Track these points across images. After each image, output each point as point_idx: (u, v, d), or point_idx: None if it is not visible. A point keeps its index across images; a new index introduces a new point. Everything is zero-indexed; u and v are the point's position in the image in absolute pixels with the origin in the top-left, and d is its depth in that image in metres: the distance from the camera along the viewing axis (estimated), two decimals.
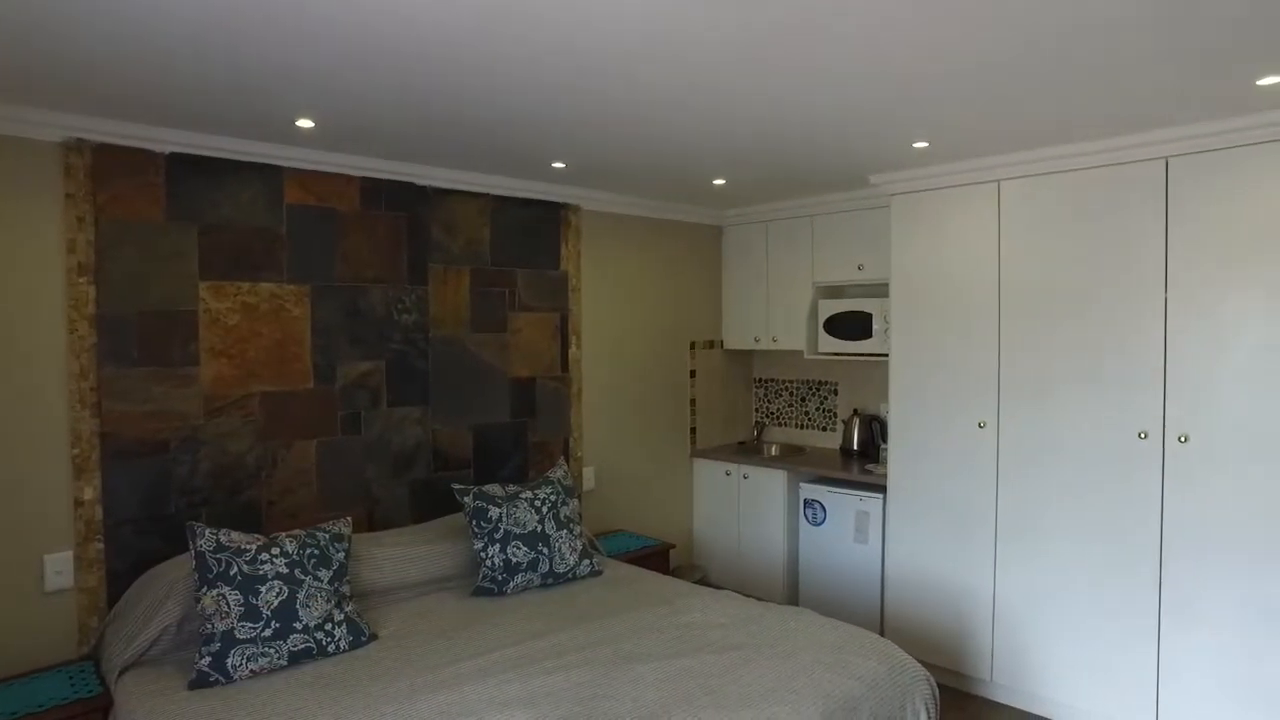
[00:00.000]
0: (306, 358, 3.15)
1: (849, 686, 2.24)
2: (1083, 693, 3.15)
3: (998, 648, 3.39)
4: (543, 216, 3.94)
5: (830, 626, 2.64)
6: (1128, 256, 3.01)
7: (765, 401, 5.09)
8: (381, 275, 3.36)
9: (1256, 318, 2.74)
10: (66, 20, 1.81)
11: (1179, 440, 2.90)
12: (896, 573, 3.72)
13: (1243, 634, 2.78)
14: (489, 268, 3.73)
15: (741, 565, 4.51)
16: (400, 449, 3.43)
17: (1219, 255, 2.81)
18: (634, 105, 2.55)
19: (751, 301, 4.74)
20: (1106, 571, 3.08)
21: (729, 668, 2.31)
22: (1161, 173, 2.92)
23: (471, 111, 2.60)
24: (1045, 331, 3.23)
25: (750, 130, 2.88)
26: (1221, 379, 2.81)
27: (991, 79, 2.31)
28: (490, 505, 3.10)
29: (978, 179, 3.38)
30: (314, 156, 3.10)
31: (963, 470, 3.48)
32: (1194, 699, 2.89)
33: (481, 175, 3.62)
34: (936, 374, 3.56)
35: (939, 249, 3.54)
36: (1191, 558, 2.88)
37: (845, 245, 4.24)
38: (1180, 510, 2.90)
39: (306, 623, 2.44)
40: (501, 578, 3.02)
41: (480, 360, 3.71)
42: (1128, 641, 3.03)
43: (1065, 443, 3.18)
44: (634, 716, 2.03)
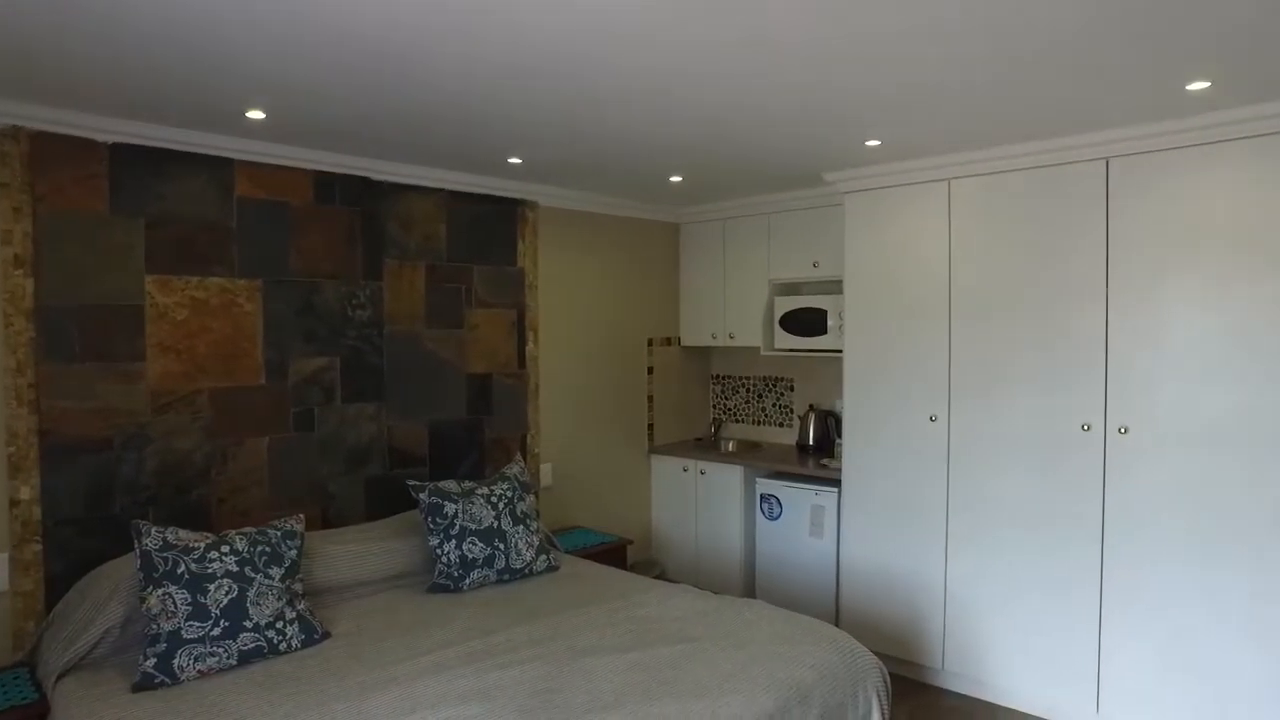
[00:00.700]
0: (258, 354, 3.10)
1: (802, 675, 2.27)
2: (1029, 677, 3.24)
3: (949, 636, 3.47)
4: (500, 212, 3.93)
5: (784, 617, 2.67)
6: (1072, 254, 3.10)
7: (722, 398, 5.13)
8: (336, 270, 3.32)
9: (1191, 314, 2.84)
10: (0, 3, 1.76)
11: (1119, 431, 2.99)
12: (851, 565, 3.78)
13: (1177, 616, 2.88)
14: (445, 264, 3.71)
15: (699, 560, 4.54)
16: (355, 446, 3.39)
17: (1155, 253, 2.91)
18: (591, 101, 2.56)
19: (709, 299, 4.78)
20: (1051, 559, 3.17)
21: (683, 659, 2.33)
22: (1102, 173, 3.02)
23: (426, 106, 2.59)
24: (994, 327, 3.31)
25: (705, 128, 2.91)
26: (1159, 373, 2.91)
27: (939, 80, 2.36)
28: (446, 501, 3.08)
29: (929, 178, 3.45)
30: (265, 149, 3.04)
31: (915, 463, 3.55)
32: (1131, 679, 2.99)
33: (438, 170, 3.59)
34: (889, 369, 3.63)
35: (891, 246, 3.61)
36: (1131, 544, 2.98)
37: (801, 243, 4.30)
38: (1120, 498, 3.00)
39: (257, 621, 2.40)
40: (457, 574, 3.00)
41: (436, 356, 3.68)
42: (1071, 626, 3.12)
43: (1013, 435, 3.26)
44: (588, 708, 2.03)
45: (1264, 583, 2.71)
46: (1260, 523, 2.72)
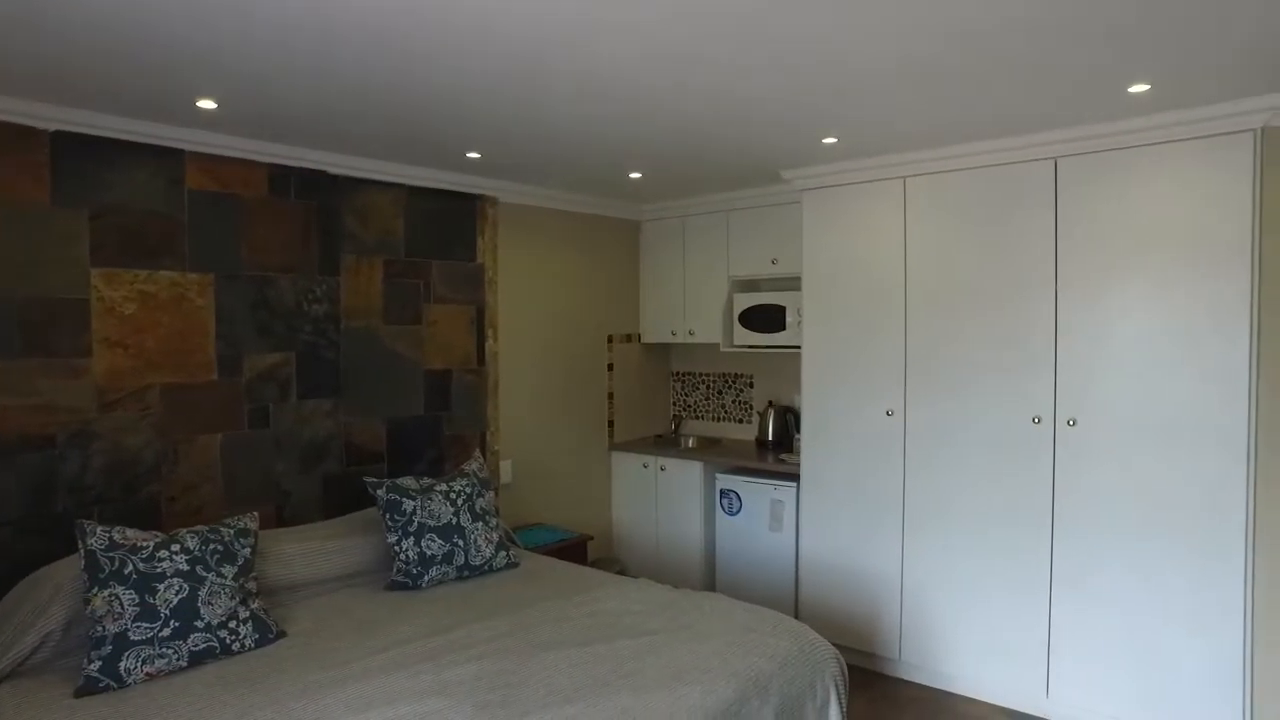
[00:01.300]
0: (210, 349, 3.03)
1: (760, 665, 2.30)
2: (983, 665, 3.31)
3: (906, 627, 3.53)
4: (458, 208, 3.90)
5: (743, 609, 2.69)
6: (1023, 251, 3.17)
7: (683, 395, 5.16)
8: (291, 265, 3.26)
9: (1135, 310, 2.93)
10: None
11: (1068, 424, 3.07)
12: (810, 559, 3.82)
13: (1122, 602, 2.97)
14: (403, 259, 3.67)
15: (660, 556, 4.55)
16: (311, 443, 3.33)
17: (1102, 251, 3.00)
18: (549, 96, 2.55)
19: (669, 296, 4.79)
20: (1004, 549, 3.24)
21: (643, 651, 2.34)
22: (1051, 172, 3.09)
23: (383, 98, 2.56)
24: (948, 323, 3.37)
25: (665, 124, 2.92)
26: (1105, 367, 3.00)
27: (892, 80, 2.40)
28: (404, 498, 3.05)
29: (884, 175, 3.50)
30: (218, 140, 2.98)
31: (872, 457, 3.60)
32: (1079, 664, 3.07)
33: (395, 165, 3.56)
34: (847, 365, 3.68)
35: (848, 243, 3.66)
36: (1079, 533, 3.06)
37: (760, 240, 4.34)
38: (1069, 489, 3.08)
39: (209, 621, 2.35)
40: (416, 571, 2.97)
41: (394, 352, 3.64)
42: (1022, 614, 3.20)
43: (967, 428, 3.33)
44: (547, 702, 2.03)
45: (1204, 571, 2.80)
46: (1200, 513, 2.81)
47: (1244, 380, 2.73)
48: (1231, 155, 2.74)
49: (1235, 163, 2.73)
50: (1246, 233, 2.72)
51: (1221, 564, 2.77)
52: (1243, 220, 2.72)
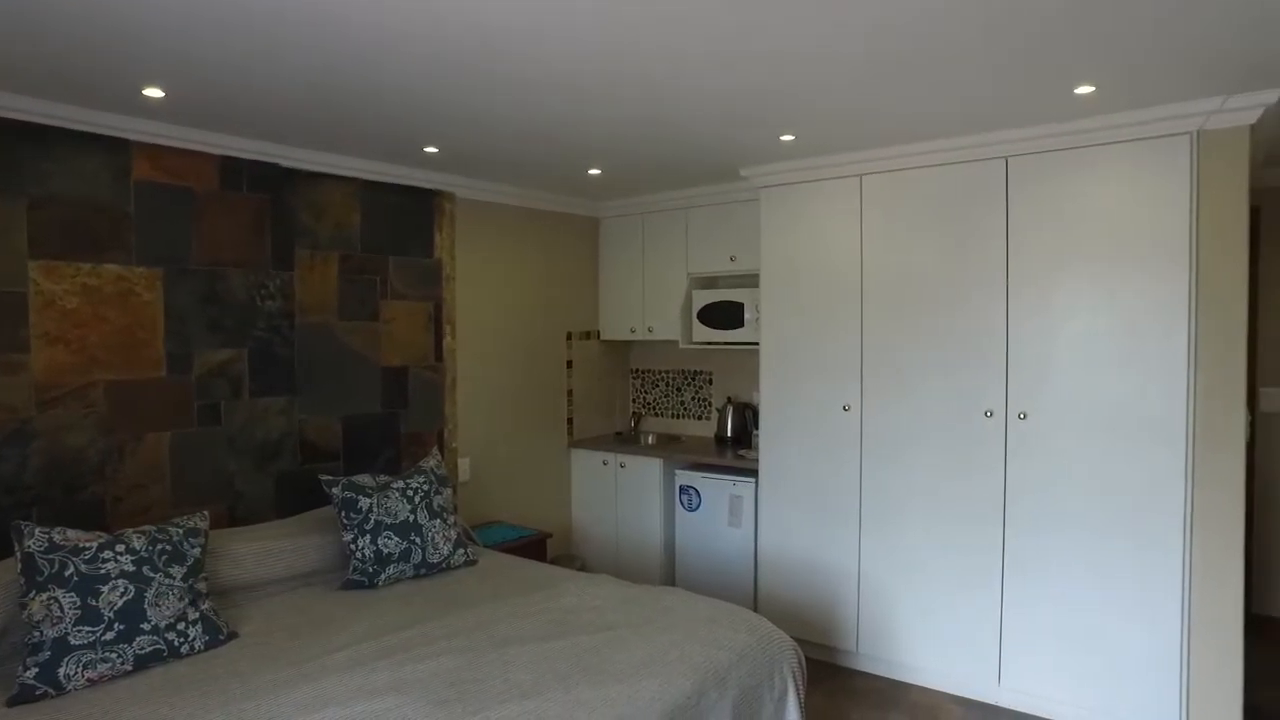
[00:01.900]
0: (159, 345, 2.96)
1: (719, 657, 2.31)
2: (938, 655, 3.37)
3: (863, 620, 3.58)
4: (415, 203, 3.85)
5: (702, 603, 2.71)
6: (976, 249, 3.24)
7: (642, 392, 5.16)
8: (243, 259, 3.19)
9: (1082, 308, 3.01)
10: None
11: (1019, 417, 3.14)
12: (769, 554, 3.86)
13: (1070, 590, 3.05)
14: (359, 254, 3.62)
15: (619, 552, 4.55)
16: (264, 441, 3.27)
17: (1050, 249, 3.07)
18: (508, 89, 2.54)
19: (628, 293, 4.80)
20: (958, 542, 3.30)
21: (602, 646, 2.34)
22: (1002, 171, 3.16)
23: (335, 90, 2.52)
24: (904, 319, 3.42)
25: (623, 119, 2.92)
26: (1054, 362, 3.07)
27: (848, 79, 2.43)
28: (360, 496, 3.01)
29: (841, 173, 3.55)
30: (166, 131, 2.91)
31: (829, 452, 3.65)
32: (1029, 652, 3.14)
33: (351, 159, 3.50)
34: (804, 361, 3.71)
35: (806, 241, 3.70)
36: (1029, 524, 3.13)
37: (718, 237, 4.36)
38: (1020, 481, 3.15)
39: (156, 623, 2.29)
40: (372, 569, 2.93)
41: (350, 349, 3.58)
42: (975, 604, 3.27)
43: (922, 423, 3.39)
44: (506, 697, 2.02)
45: (1149, 560, 2.89)
46: (1143, 504, 2.90)
47: (1183, 377, 2.82)
48: (1170, 157, 2.83)
49: (1174, 165, 2.82)
50: (1185, 234, 2.81)
51: (1162, 553, 2.86)
52: (1181, 221, 2.81)
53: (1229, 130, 2.73)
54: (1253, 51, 2.26)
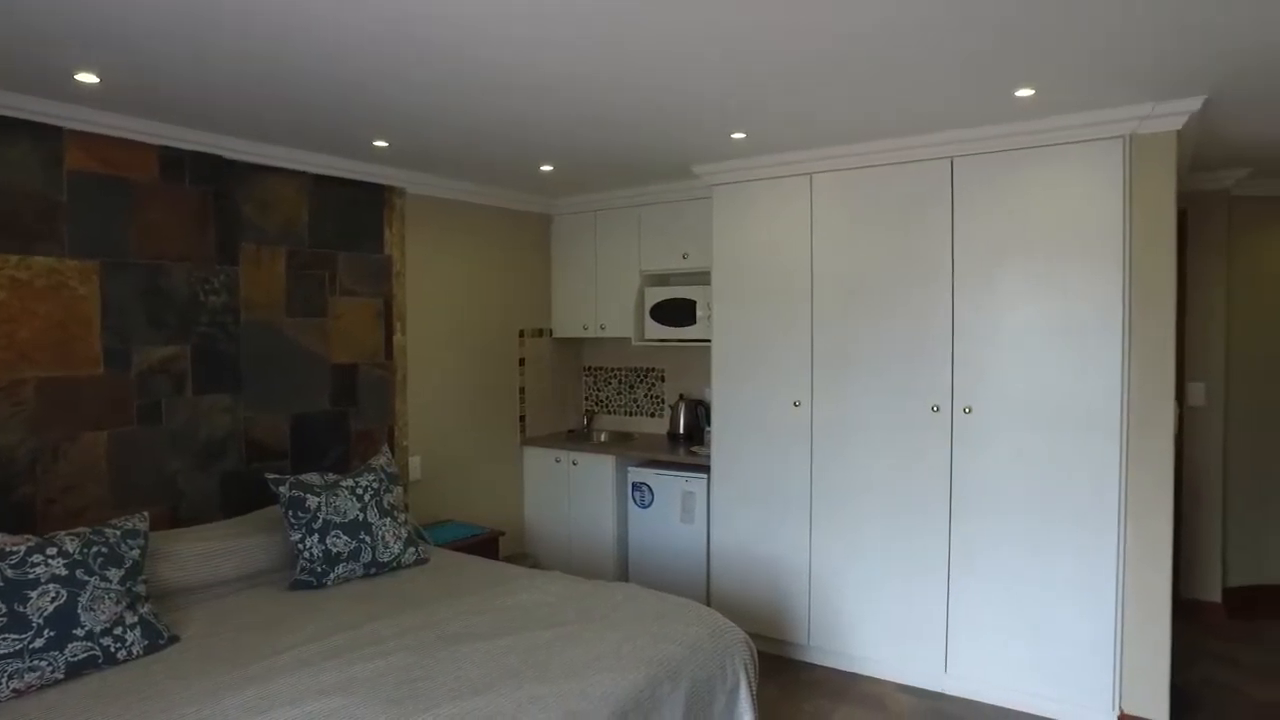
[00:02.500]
0: (95, 341, 2.86)
1: (671, 651, 2.32)
2: (887, 646, 3.44)
3: (814, 613, 3.63)
4: (365, 198, 3.80)
5: (654, 598, 2.72)
6: (923, 247, 3.31)
7: (595, 389, 5.16)
8: (185, 253, 3.11)
9: (1023, 303, 3.10)
10: None
11: (964, 411, 3.22)
12: (721, 549, 3.89)
13: (1013, 578, 3.14)
14: (307, 249, 3.55)
15: (572, 550, 4.55)
16: (209, 439, 3.19)
17: (993, 248, 3.16)
18: (458, 83, 2.52)
19: (580, 290, 4.79)
20: (905, 534, 3.37)
21: (555, 642, 2.33)
22: (948, 171, 3.24)
23: (282, 82, 2.47)
24: (853, 315, 3.48)
25: (575, 116, 2.92)
26: (997, 357, 3.16)
27: (798, 78, 2.46)
28: (308, 494, 2.95)
29: (792, 172, 3.59)
30: (102, 119, 2.81)
31: (780, 447, 3.69)
32: (974, 640, 3.23)
33: (298, 152, 3.43)
34: (755, 357, 3.75)
35: (757, 238, 3.74)
36: (974, 514, 3.22)
37: (671, 235, 4.38)
38: (965, 473, 3.23)
39: (90, 628, 2.22)
40: (321, 569, 2.88)
41: (298, 345, 3.52)
42: (922, 594, 3.34)
43: (871, 417, 3.45)
44: (457, 694, 2.00)
45: (1085, 546, 2.99)
46: (1083, 493, 3.00)
47: (1118, 371, 2.93)
48: (1105, 160, 2.93)
49: (1108, 167, 2.92)
50: (1119, 233, 2.91)
51: (1099, 539, 2.96)
52: (1115, 221, 2.92)
53: (1158, 135, 2.84)
54: (1178, 61, 2.35)
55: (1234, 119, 3.00)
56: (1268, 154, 3.63)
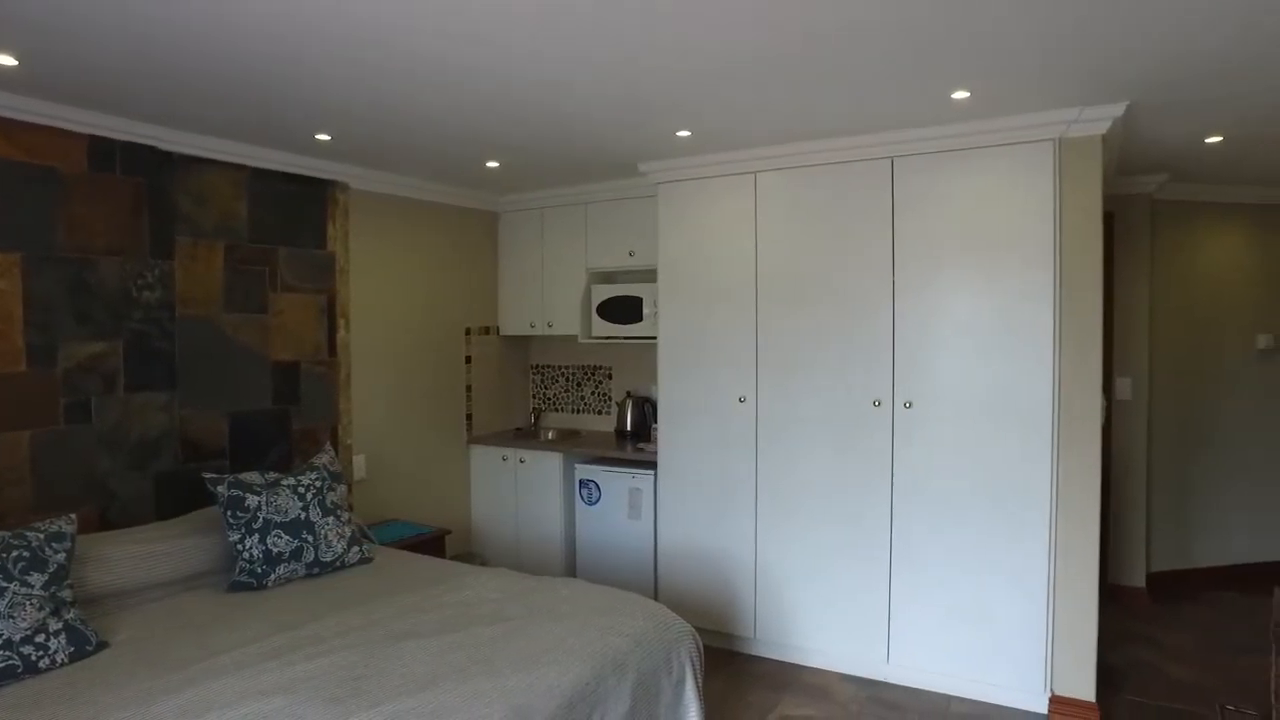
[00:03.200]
0: (17, 336, 2.75)
1: (617, 644, 2.33)
2: (831, 637, 3.50)
3: (760, 606, 3.68)
4: (307, 193, 3.73)
5: (599, 592, 2.73)
6: (864, 244, 3.38)
7: (542, 387, 5.15)
8: (117, 247, 3.01)
9: (958, 301, 3.19)
10: None
11: (904, 406, 3.30)
12: (668, 545, 3.91)
13: (951, 568, 3.23)
14: (247, 244, 3.47)
15: (520, 548, 4.53)
16: (142, 439, 3.09)
17: (933, 245, 3.24)
18: (403, 76, 2.49)
19: (527, 288, 4.78)
20: (849, 526, 3.44)
21: (501, 637, 2.33)
22: (888, 171, 3.31)
23: (220, 71, 2.41)
24: (797, 312, 3.54)
25: (520, 112, 2.92)
26: (936, 353, 3.24)
27: (739, 77, 2.50)
28: (248, 494, 2.89)
29: (736, 170, 3.64)
30: (22, 104, 2.70)
31: (726, 443, 3.73)
32: (915, 628, 3.31)
33: (237, 144, 3.35)
34: (701, 354, 3.79)
35: (702, 236, 3.77)
36: (914, 506, 3.30)
37: (617, 232, 4.40)
38: (906, 466, 3.31)
39: (9, 637, 2.12)
40: (261, 570, 2.82)
41: (237, 342, 3.43)
42: (866, 584, 3.41)
43: (815, 413, 3.51)
44: (402, 691, 1.98)
45: (1019, 534, 3.09)
46: (1017, 484, 3.10)
47: (1049, 366, 3.03)
48: (1037, 162, 3.03)
49: (1039, 169, 3.03)
50: (1050, 233, 3.02)
51: (1032, 529, 3.07)
52: (1046, 221, 3.02)
53: (1085, 139, 2.96)
54: (1102, 68, 2.45)
55: (1154, 125, 3.13)
56: (1184, 160, 3.80)
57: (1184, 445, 4.57)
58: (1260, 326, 4.64)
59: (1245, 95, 2.76)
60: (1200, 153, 3.61)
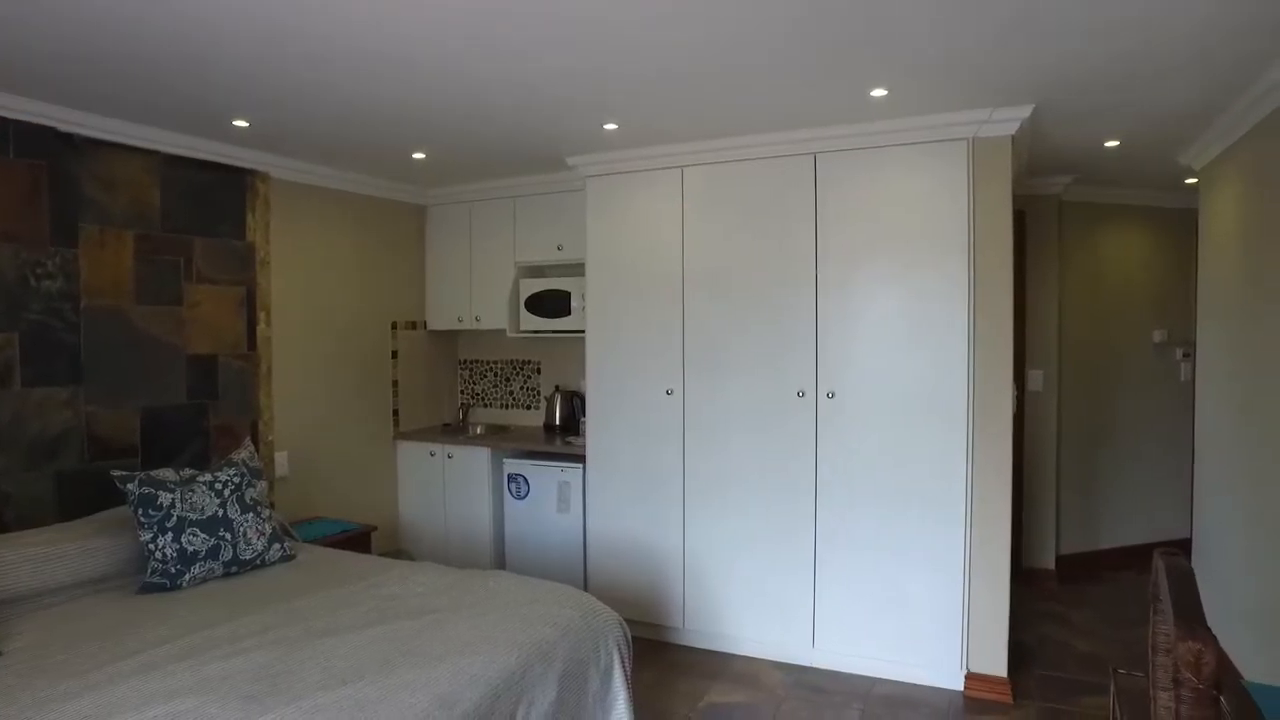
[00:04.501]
0: None
1: (544, 633, 2.33)
2: (758, 625, 3.57)
3: (689, 597, 3.72)
4: (226, 181, 3.61)
5: (526, 584, 2.72)
6: (788, 239, 3.45)
7: (470, 383, 5.10)
8: (12, 233, 2.86)
9: (880, 295, 3.29)
10: None
11: (828, 397, 3.39)
12: (597, 538, 3.93)
13: (874, 554, 3.32)
14: (159, 233, 3.34)
15: (449, 544, 4.48)
16: (41, 436, 2.95)
17: (854, 241, 3.33)
18: (320, 63, 2.44)
19: (455, 282, 4.73)
20: (774, 516, 3.51)
21: (426, 629, 2.30)
22: (811, 167, 3.39)
23: (126, 49, 2.31)
24: (723, 305, 3.59)
25: (445, 103, 2.89)
26: (857, 345, 3.34)
27: (661, 66, 2.52)
28: (160, 491, 2.79)
29: (663, 164, 3.67)
30: None
31: (654, 436, 3.76)
32: (840, 614, 3.40)
33: (147, 128, 3.22)
34: (629, 347, 3.81)
35: (630, 230, 3.80)
36: (838, 495, 3.39)
37: (546, 226, 4.39)
38: (829, 456, 3.39)
39: None
40: (175, 570, 2.72)
41: (149, 335, 3.31)
42: (792, 573, 3.49)
43: (740, 404, 3.57)
44: (323, 685, 1.94)
45: (937, 522, 3.20)
46: (935, 472, 3.21)
47: (963, 358, 3.15)
48: (951, 161, 3.15)
49: (954, 168, 3.14)
50: (964, 231, 3.14)
51: (948, 515, 3.18)
52: (961, 219, 3.14)
53: (995, 139, 3.09)
54: (1009, 70, 2.57)
55: (1058, 128, 3.29)
56: (1087, 162, 4.00)
57: (1090, 434, 4.81)
58: (1156, 322, 4.91)
59: (1135, 103, 2.93)
60: (1101, 156, 3.81)
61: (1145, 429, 4.91)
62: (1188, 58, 2.45)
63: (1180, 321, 4.80)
